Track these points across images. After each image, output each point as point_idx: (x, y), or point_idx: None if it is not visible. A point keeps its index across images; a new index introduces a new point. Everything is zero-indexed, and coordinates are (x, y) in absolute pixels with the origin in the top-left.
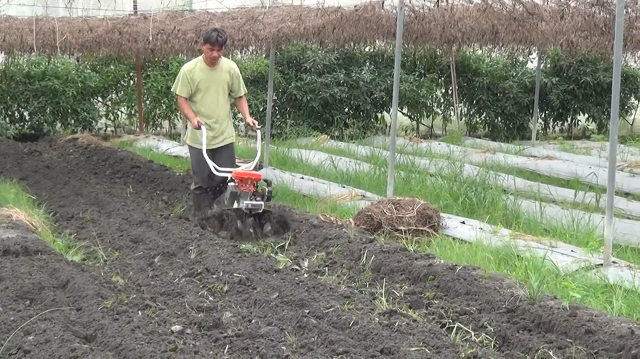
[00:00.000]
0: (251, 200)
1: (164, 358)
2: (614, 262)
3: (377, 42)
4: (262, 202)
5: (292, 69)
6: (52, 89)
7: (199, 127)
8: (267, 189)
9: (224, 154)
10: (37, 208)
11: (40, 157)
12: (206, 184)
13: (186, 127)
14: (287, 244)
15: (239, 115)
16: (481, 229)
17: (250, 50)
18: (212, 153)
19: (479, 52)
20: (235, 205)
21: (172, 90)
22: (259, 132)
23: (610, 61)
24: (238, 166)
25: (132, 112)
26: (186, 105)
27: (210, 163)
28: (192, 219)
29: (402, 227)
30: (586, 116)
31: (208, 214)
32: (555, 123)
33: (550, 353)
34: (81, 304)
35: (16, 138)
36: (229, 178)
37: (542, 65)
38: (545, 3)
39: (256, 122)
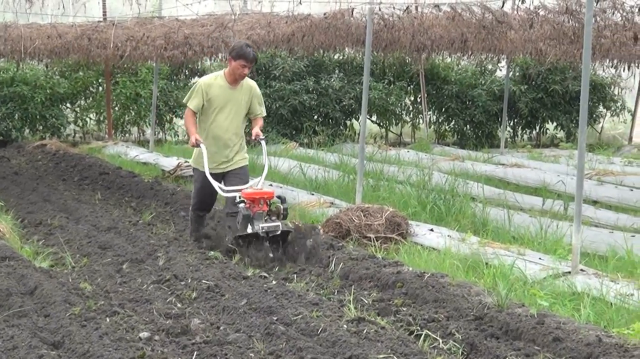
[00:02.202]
0: (266, 222)
1: None
2: (581, 270)
3: (346, 49)
4: (279, 223)
5: (261, 76)
6: (20, 95)
7: (196, 146)
8: (281, 207)
9: (236, 176)
10: (5, 214)
11: (8, 164)
12: (205, 211)
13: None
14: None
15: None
16: (450, 236)
17: (220, 57)
18: (223, 176)
19: (448, 60)
20: (250, 229)
21: (183, 101)
22: (263, 142)
23: (578, 70)
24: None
25: (101, 118)
26: (192, 119)
27: (215, 184)
28: (191, 238)
29: (370, 235)
30: (554, 124)
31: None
32: (524, 131)
33: None
34: (49, 311)
35: None
36: (237, 198)
37: (511, 73)
38: (515, 12)
39: (261, 134)
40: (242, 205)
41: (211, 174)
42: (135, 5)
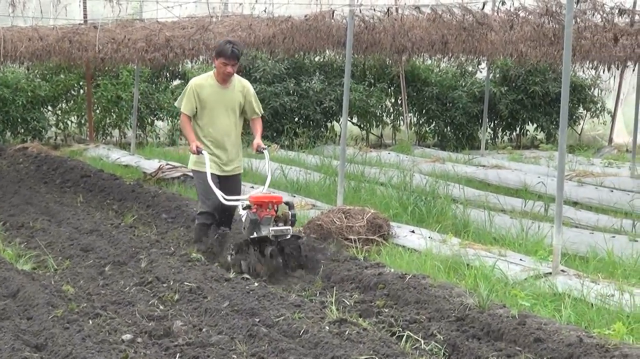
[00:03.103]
0: (275, 226)
1: None
2: (562, 271)
3: (327, 51)
4: (289, 227)
5: (243, 77)
6: (1, 98)
7: (197, 153)
8: (289, 213)
9: (231, 184)
10: None
11: None
12: (218, 211)
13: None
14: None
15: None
16: (431, 238)
17: (201, 59)
18: (219, 180)
19: (429, 62)
20: (257, 234)
21: (175, 105)
22: (266, 152)
23: (559, 71)
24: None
25: (82, 121)
26: (188, 125)
27: (218, 192)
28: (193, 248)
29: (352, 236)
30: (535, 125)
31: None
32: (504, 133)
33: None
34: (31, 313)
35: None
36: (243, 206)
37: (491, 75)
38: (495, 13)
39: (262, 144)
40: (245, 211)
41: (211, 174)
42: (116, 7)
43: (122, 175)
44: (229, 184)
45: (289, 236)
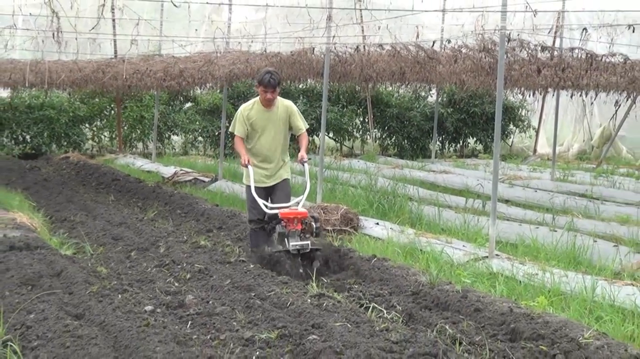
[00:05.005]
0: (299, 240)
1: (139, 332)
2: (496, 254)
3: (308, 80)
4: (309, 242)
5: (241, 101)
6: (48, 117)
7: (245, 166)
8: (314, 226)
9: (279, 190)
10: (37, 212)
11: (39, 172)
12: (262, 214)
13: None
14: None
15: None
16: (392, 229)
17: (208, 86)
18: (267, 191)
19: (390, 88)
20: (284, 246)
21: (229, 130)
22: (306, 165)
23: (493, 96)
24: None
25: (113, 135)
26: (241, 144)
27: (260, 201)
28: (249, 259)
29: (329, 227)
30: (475, 139)
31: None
32: (450, 145)
33: (447, 326)
34: (72, 289)
35: (20, 157)
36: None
37: (440, 99)
38: (442, 50)
39: (305, 156)
40: (278, 225)
41: (257, 188)
42: (140, 45)
43: (145, 179)
44: (277, 190)
45: (308, 250)
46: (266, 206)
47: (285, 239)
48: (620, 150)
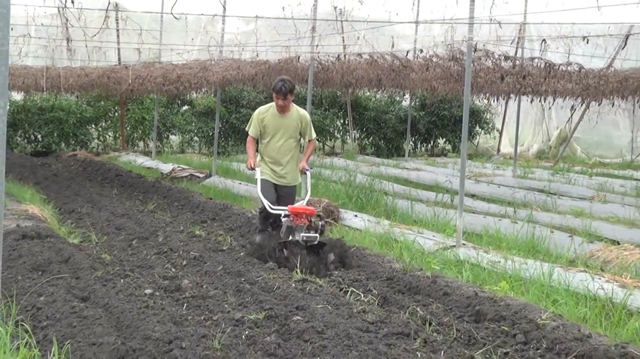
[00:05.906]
0: (307, 233)
1: (139, 313)
2: (463, 244)
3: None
4: (317, 235)
5: (232, 104)
6: (58, 118)
7: (251, 169)
8: (320, 224)
9: (285, 191)
10: (47, 204)
11: (49, 168)
12: (274, 203)
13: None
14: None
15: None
16: (369, 220)
17: (203, 91)
18: (275, 187)
19: (368, 93)
20: (291, 238)
21: (246, 129)
22: (308, 173)
23: (461, 100)
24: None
25: (117, 135)
26: (251, 144)
27: (266, 202)
28: (251, 250)
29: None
30: (444, 139)
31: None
32: (422, 145)
33: (418, 309)
34: (79, 274)
35: (32, 154)
36: (283, 214)
37: (413, 103)
38: (415, 58)
39: (307, 166)
40: (285, 219)
41: (267, 180)
42: (142, 53)
43: (146, 174)
44: (284, 191)
45: (315, 242)
46: (271, 207)
47: (293, 232)
48: (575, 150)
